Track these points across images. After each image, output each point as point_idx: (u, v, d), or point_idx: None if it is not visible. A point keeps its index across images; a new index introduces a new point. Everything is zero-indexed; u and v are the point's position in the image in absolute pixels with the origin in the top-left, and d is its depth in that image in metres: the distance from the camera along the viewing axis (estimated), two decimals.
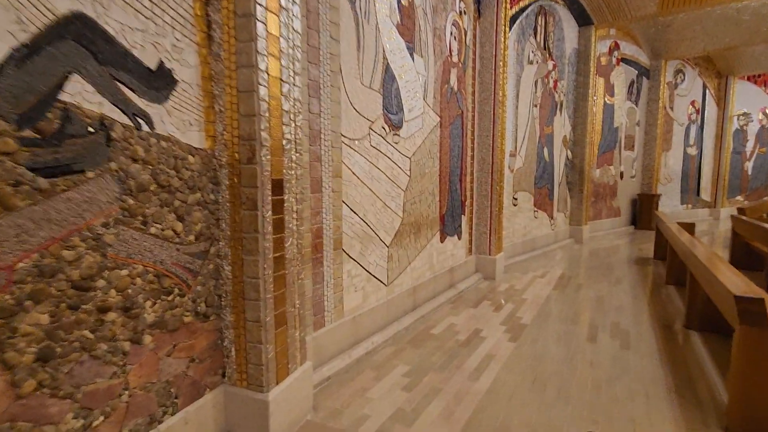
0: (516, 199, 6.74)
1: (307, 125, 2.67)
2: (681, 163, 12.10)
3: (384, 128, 3.54)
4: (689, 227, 6.67)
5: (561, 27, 7.66)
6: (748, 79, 12.96)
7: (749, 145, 13.41)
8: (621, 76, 9.83)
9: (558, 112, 7.88)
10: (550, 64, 7.41)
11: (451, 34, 4.67)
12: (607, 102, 9.54)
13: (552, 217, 7.98)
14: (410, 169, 4.00)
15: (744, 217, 5.89)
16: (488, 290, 5.11)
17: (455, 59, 4.82)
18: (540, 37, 7.02)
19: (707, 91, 12.35)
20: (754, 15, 8.25)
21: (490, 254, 5.62)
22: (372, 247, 3.43)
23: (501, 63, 5.39)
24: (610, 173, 9.92)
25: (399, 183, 3.82)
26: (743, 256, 6.19)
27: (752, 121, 13.07)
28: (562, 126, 8.06)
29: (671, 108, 11.56)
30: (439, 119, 4.53)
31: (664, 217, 6.71)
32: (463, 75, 5.06)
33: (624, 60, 9.86)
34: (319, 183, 2.79)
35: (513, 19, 6.17)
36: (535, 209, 7.39)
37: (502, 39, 5.38)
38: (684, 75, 11.73)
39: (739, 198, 13.53)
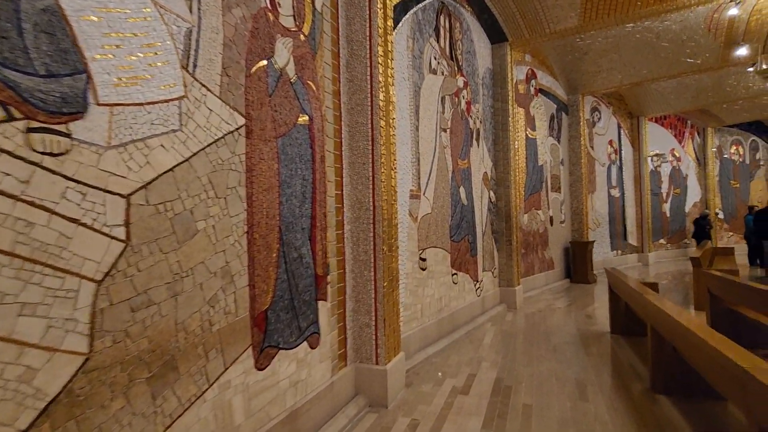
0: (424, 259, 4.60)
1: None
2: (607, 205, 11.16)
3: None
4: (652, 288, 4.94)
5: (470, 38, 6.10)
6: (656, 120, 12.83)
7: (664, 187, 13.08)
8: (541, 108, 8.63)
9: (474, 141, 6.13)
10: (461, 80, 5.71)
11: None
12: (530, 136, 8.16)
13: (477, 280, 5.97)
14: (128, 223, 1.61)
15: (731, 277, 4.26)
16: None
17: (288, 23, 2.68)
18: (444, 42, 5.31)
19: (622, 130, 11.85)
20: (673, 42, 7.49)
21: (377, 363, 3.28)
22: None
23: (381, 51, 3.38)
24: (539, 218, 8.38)
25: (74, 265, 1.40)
26: (728, 325, 4.53)
27: (666, 161, 12.80)
28: (480, 160, 6.31)
29: (592, 147, 10.70)
30: (244, 122, 2.26)
31: (622, 276, 4.96)
32: (312, 58, 2.93)
33: (543, 92, 8.72)
34: None
35: (404, 6, 4.34)
36: (454, 271, 5.31)
37: (382, 17, 3.41)
38: (600, 113, 11.07)
39: (662, 241, 12.95)
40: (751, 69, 8.93)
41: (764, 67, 6.85)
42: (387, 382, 3.24)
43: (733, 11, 6.34)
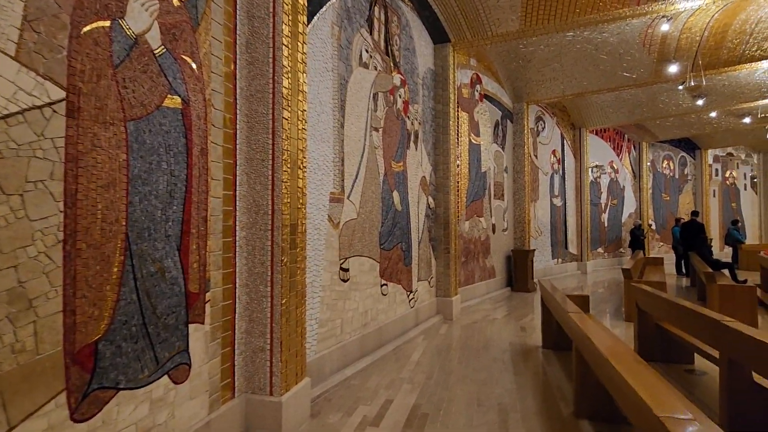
0: (346, 270, 4.17)
1: None
2: (549, 214, 11.31)
3: None
4: (582, 302, 4.81)
5: (410, 35, 5.79)
6: (596, 133, 13.27)
7: (603, 197, 13.54)
8: (486, 114, 8.51)
9: (412, 145, 5.81)
10: (397, 77, 5.37)
11: None
12: (473, 141, 8.00)
13: (411, 290, 5.63)
14: None
15: (656, 292, 4.16)
16: None
17: None
18: (379, 35, 4.94)
19: (565, 141, 12.11)
20: (611, 55, 7.60)
21: (271, 393, 2.80)
22: None
23: (287, 31, 2.92)
24: (481, 226, 8.23)
25: None
26: (654, 340, 4.46)
27: (604, 173, 13.25)
28: (418, 164, 5.99)
29: (536, 156, 10.80)
30: (64, 95, 1.72)
31: (552, 289, 4.78)
32: (191, 29, 2.42)
33: (488, 98, 8.62)
34: None
35: None
36: (384, 282, 4.93)
37: None
38: (544, 123, 11.22)
39: (600, 250, 13.37)
40: (681, 87, 9.34)
41: (693, 84, 7.11)
42: (282, 416, 2.76)
43: (665, 27, 6.49)
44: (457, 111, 7.41)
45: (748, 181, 17.45)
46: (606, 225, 13.59)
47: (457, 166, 7.31)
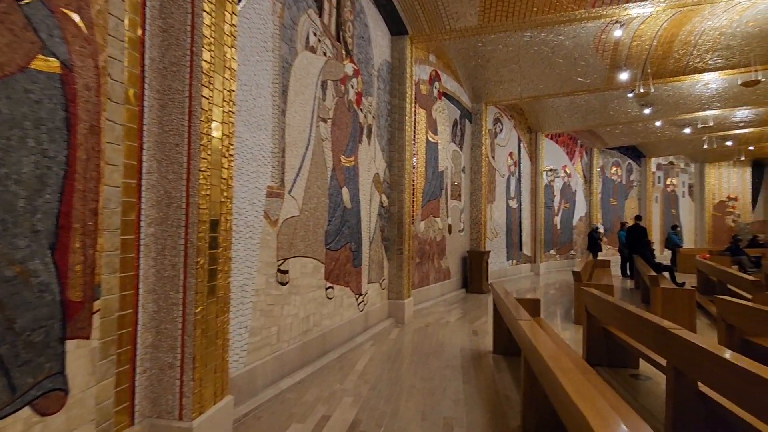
0: (285, 272, 3.79)
1: None
2: (505, 216, 11.39)
3: None
4: (533, 306, 4.71)
5: (365, 23, 5.48)
6: (552, 137, 13.57)
7: (556, 201, 13.88)
8: (444, 113, 8.37)
9: (365, 139, 5.50)
10: (350, 67, 5.04)
11: None
12: (431, 140, 7.82)
13: (360, 293, 5.32)
14: None
15: (604, 296, 4.09)
16: None
17: None
18: (329, 19, 4.59)
19: (522, 144, 12.26)
20: (566, 59, 7.67)
21: (180, 417, 2.39)
22: None
23: None
24: (437, 226, 8.07)
25: None
26: (602, 344, 4.41)
27: (558, 177, 13.58)
28: (371, 160, 5.70)
29: (493, 157, 10.83)
30: None
31: (502, 292, 4.64)
32: None
33: (447, 96, 8.48)
34: None
35: None
36: (329, 284, 4.58)
37: None
38: (502, 125, 11.29)
39: (552, 252, 13.69)
40: (630, 95, 9.66)
41: (642, 90, 7.31)
42: None
43: (618, 33, 6.60)
44: (415, 107, 7.19)
45: (686, 189, 18.59)
46: (558, 228, 13.95)
47: (413, 163, 7.09)
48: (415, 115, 7.24)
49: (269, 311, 3.57)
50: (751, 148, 14.94)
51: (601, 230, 15.32)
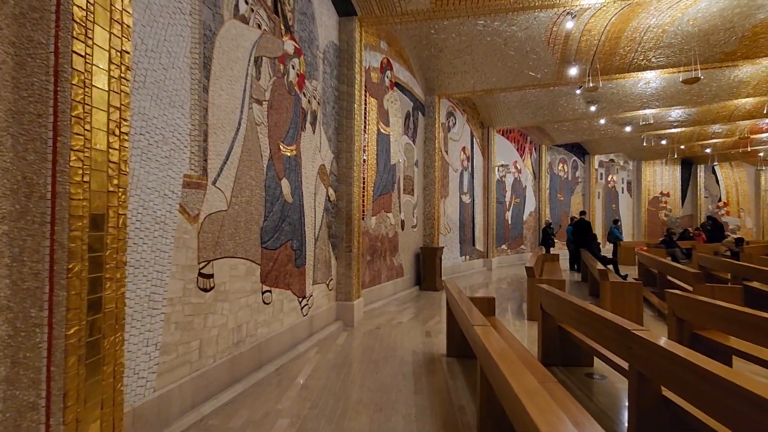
0: (209, 276, 3.24)
1: None
2: (458, 211, 11.29)
3: None
4: (488, 305, 4.47)
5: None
6: (503, 133, 13.68)
7: (508, 196, 14.04)
8: (396, 104, 8.01)
9: (309, 127, 5.01)
10: (290, 44, 4.52)
11: None
12: (382, 131, 7.44)
13: (304, 296, 4.84)
14: None
15: (558, 293, 3.90)
16: None
17: None
18: None
19: (474, 139, 12.22)
20: (518, 52, 7.56)
21: None
22: None
23: None
24: (389, 222, 7.72)
25: None
26: (557, 343, 4.25)
27: (509, 172, 13.73)
28: (316, 150, 5.21)
29: (446, 151, 10.66)
30: None
31: (455, 291, 4.35)
32: None
33: (399, 86, 8.13)
34: None
35: None
36: (266, 288, 4.07)
37: None
38: (455, 119, 11.15)
39: (504, 247, 13.85)
40: (578, 91, 9.83)
41: (591, 85, 7.38)
42: None
43: (569, 24, 6.57)
44: (365, 95, 6.77)
45: (625, 185, 19.64)
46: (510, 223, 14.13)
47: (364, 155, 6.67)
48: (365, 104, 6.82)
49: (188, 323, 3.02)
50: (683, 147, 15.96)
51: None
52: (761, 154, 17.85)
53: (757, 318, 3.28)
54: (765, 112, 10.10)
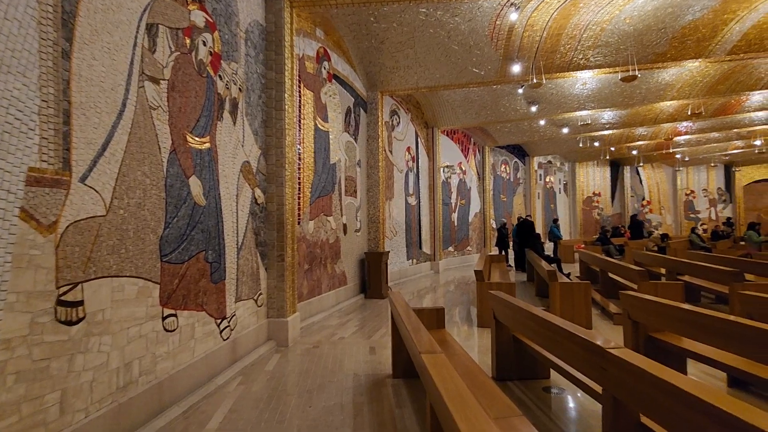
0: (75, 304, 2.43)
1: None
2: (404, 213, 10.88)
3: None
4: (436, 317, 3.99)
5: None
6: (447, 134, 13.54)
7: (453, 197, 13.91)
8: (336, 98, 7.41)
9: (229, 116, 4.26)
10: (200, 16, 3.77)
11: None
12: (320, 127, 6.80)
13: (223, 316, 4.07)
14: None
15: (512, 301, 3.50)
16: None
17: None
18: None
19: (419, 139, 11.92)
20: (462, 46, 7.28)
21: None
22: None
23: None
24: (330, 226, 7.08)
25: None
26: (512, 354, 3.86)
27: (455, 173, 13.60)
28: (238, 144, 4.47)
29: (390, 151, 10.22)
30: None
31: (407, 315, 3.82)
32: None
33: (339, 80, 7.54)
34: None
35: None
36: (170, 312, 3.28)
37: None
38: (399, 118, 10.75)
39: (450, 249, 13.68)
40: (521, 90, 9.82)
41: (535, 81, 7.28)
42: None
43: (513, 16, 6.37)
44: (299, 86, 6.11)
45: (562, 186, 20.48)
46: (456, 224, 14.01)
47: (299, 152, 6.00)
48: (300, 95, 6.16)
49: (40, 371, 2.20)
50: (613, 148, 16.87)
51: (494, 225, 15.91)
52: (679, 156, 19.40)
53: (711, 318, 3.08)
54: (689, 113, 10.77)
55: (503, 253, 12.45)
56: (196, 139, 3.69)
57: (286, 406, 3.37)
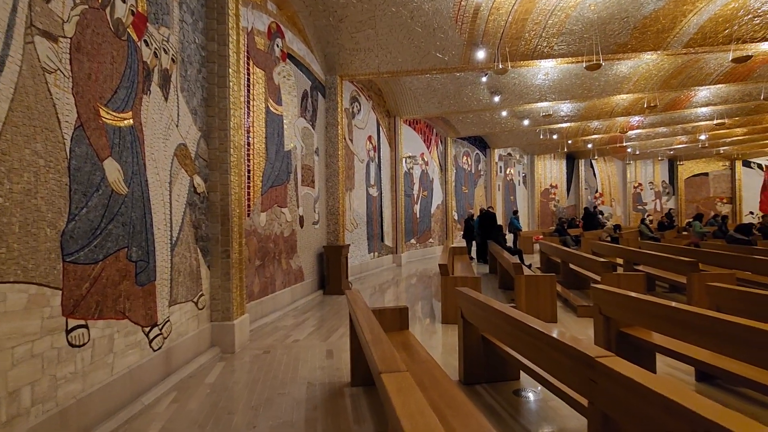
0: None
1: None
2: (365, 205, 10.46)
3: None
4: (400, 317, 3.63)
5: None
6: (410, 124, 13.21)
7: (416, 189, 13.65)
8: (290, 80, 6.83)
9: (159, 90, 3.64)
10: None
11: None
12: (273, 110, 6.21)
13: (153, 324, 3.49)
14: None
15: (479, 299, 3.18)
16: None
17: None
18: None
19: (381, 128, 11.50)
20: (425, 29, 6.91)
21: None
22: None
23: None
24: (285, 219, 6.54)
25: None
26: (481, 356, 3.57)
27: (417, 164, 13.32)
28: (171, 124, 3.85)
29: (351, 140, 9.73)
30: None
31: (358, 305, 3.42)
32: None
33: (294, 60, 6.95)
34: None
35: None
36: (78, 322, 2.69)
37: None
38: (360, 105, 10.27)
39: (413, 241, 13.44)
40: (484, 78, 9.62)
41: (500, 67, 7.06)
42: None
43: None
44: (247, 63, 5.50)
45: (521, 178, 20.81)
46: (418, 216, 13.77)
47: (248, 137, 5.41)
48: (249, 74, 5.55)
49: None
50: (570, 141, 17.24)
51: (456, 217, 15.84)
52: (630, 150, 20.22)
53: (685, 313, 2.92)
54: (645, 106, 11.05)
55: (471, 244, 12.36)
56: (113, 113, 3.07)
57: (226, 427, 2.89)
